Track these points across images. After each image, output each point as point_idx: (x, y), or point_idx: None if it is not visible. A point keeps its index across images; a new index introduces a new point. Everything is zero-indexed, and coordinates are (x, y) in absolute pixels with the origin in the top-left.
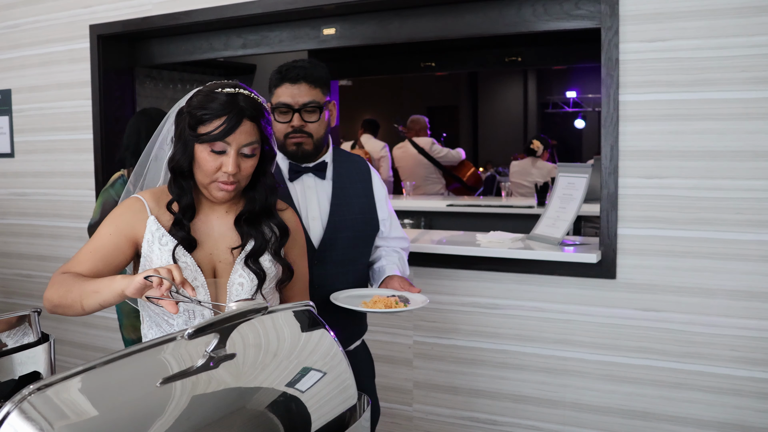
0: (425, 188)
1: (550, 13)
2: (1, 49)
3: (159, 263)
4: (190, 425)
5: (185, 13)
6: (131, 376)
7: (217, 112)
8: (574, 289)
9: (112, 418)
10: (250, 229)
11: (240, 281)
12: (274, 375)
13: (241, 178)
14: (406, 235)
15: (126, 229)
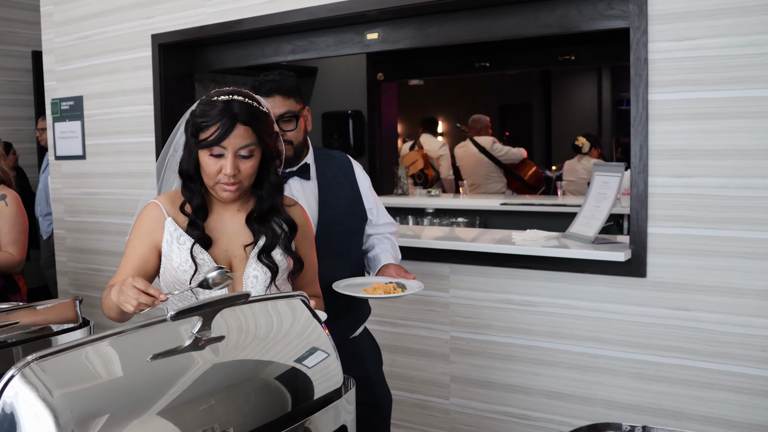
0: (486, 187)
1: (583, 14)
2: (74, 58)
3: (179, 261)
4: (177, 398)
5: (237, 22)
6: (124, 352)
7: (213, 118)
8: (604, 287)
9: (106, 387)
10: (261, 226)
11: (255, 274)
12: (260, 356)
13: (242, 178)
14: (392, 219)
15: (147, 238)
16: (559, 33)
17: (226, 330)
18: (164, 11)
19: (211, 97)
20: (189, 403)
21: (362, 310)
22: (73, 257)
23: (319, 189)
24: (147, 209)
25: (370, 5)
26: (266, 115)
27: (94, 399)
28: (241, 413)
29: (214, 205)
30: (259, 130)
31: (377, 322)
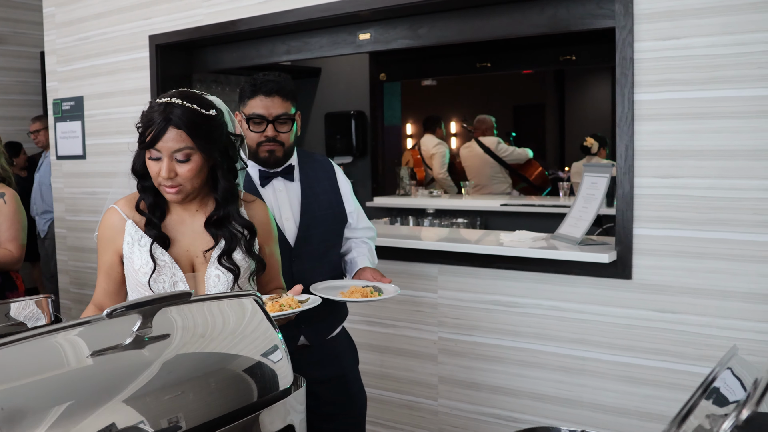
0: (491, 187)
1: (572, 14)
2: (75, 59)
3: (140, 263)
4: (115, 394)
5: (232, 23)
6: (63, 348)
7: (150, 121)
8: (590, 288)
9: (41, 384)
10: (219, 230)
11: (216, 273)
12: (205, 354)
13: (182, 181)
14: (371, 224)
15: (110, 246)
16: (548, 33)
17: (171, 328)
18: (162, 12)
19: (153, 101)
20: (128, 398)
21: (340, 311)
22: (73, 256)
23: (301, 190)
24: (106, 216)
25: (362, 5)
26: (210, 120)
27: (28, 396)
28: (183, 409)
29: (173, 205)
30: (196, 135)
31: (366, 322)
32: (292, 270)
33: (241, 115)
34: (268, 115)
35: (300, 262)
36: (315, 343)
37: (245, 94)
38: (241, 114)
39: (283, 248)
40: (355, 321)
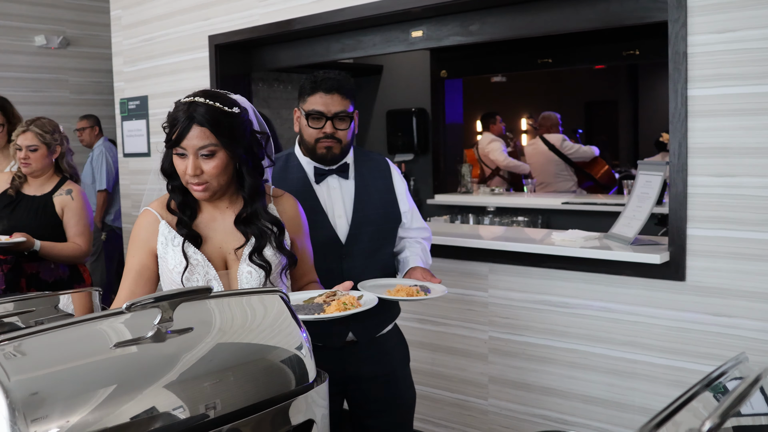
0: (556, 185)
1: (624, 7)
2: (140, 59)
3: (174, 263)
4: (135, 384)
5: (287, 22)
6: (86, 339)
7: (175, 119)
8: (642, 290)
9: (64, 372)
10: (248, 227)
11: (248, 270)
12: (229, 347)
13: (208, 178)
14: (427, 225)
15: (144, 246)
16: (600, 27)
17: (194, 322)
18: (220, 13)
19: (178, 101)
20: (147, 388)
21: (391, 310)
22: None
23: (355, 188)
24: (141, 218)
25: (413, 3)
26: (232, 117)
27: (51, 383)
28: (204, 400)
29: (203, 204)
30: (220, 133)
31: (418, 320)
32: (343, 267)
33: (300, 112)
34: (327, 112)
35: (351, 259)
36: (363, 340)
37: (305, 91)
38: (300, 110)
39: (334, 246)
40: (407, 319)
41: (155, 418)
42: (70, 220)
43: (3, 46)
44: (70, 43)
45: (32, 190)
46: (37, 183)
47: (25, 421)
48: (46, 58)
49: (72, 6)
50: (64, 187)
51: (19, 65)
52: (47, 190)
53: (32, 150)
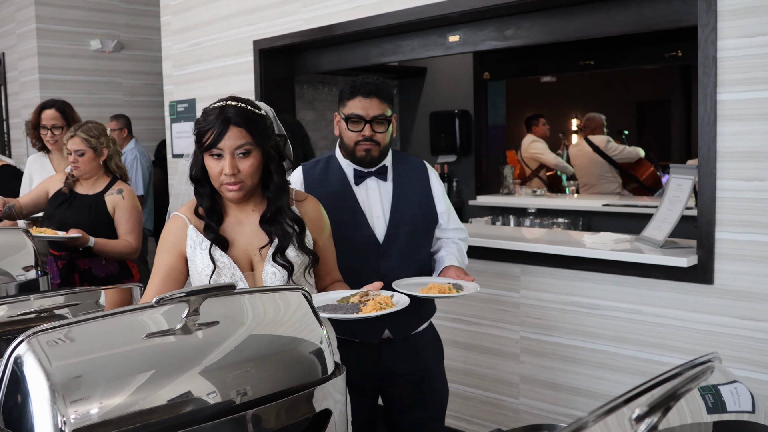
0: (600, 187)
1: (657, 11)
2: (188, 63)
3: (202, 265)
4: (163, 372)
5: (328, 27)
6: (119, 330)
7: (210, 123)
8: (670, 293)
9: (99, 359)
10: (272, 227)
11: (272, 271)
12: (252, 340)
13: (243, 177)
14: (463, 226)
15: (173, 249)
16: (632, 32)
17: (219, 316)
18: (264, 18)
19: (210, 106)
20: (174, 375)
21: (426, 308)
22: None
23: (393, 190)
24: (170, 222)
25: (450, 8)
26: (262, 118)
27: (88, 368)
28: (227, 389)
29: (230, 208)
30: (254, 132)
31: (452, 319)
32: (380, 266)
33: (339, 116)
34: (365, 116)
35: (387, 259)
36: (399, 337)
37: (345, 96)
38: (340, 114)
39: (372, 245)
40: (442, 318)
41: (181, 403)
42: (121, 218)
43: (61, 51)
44: (123, 47)
45: (84, 189)
46: (88, 183)
47: (64, 403)
48: (101, 62)
49: (126, 11)
50: (114, 186)
51: (76, 68)
52: (99, 190)
53: (80, 154)
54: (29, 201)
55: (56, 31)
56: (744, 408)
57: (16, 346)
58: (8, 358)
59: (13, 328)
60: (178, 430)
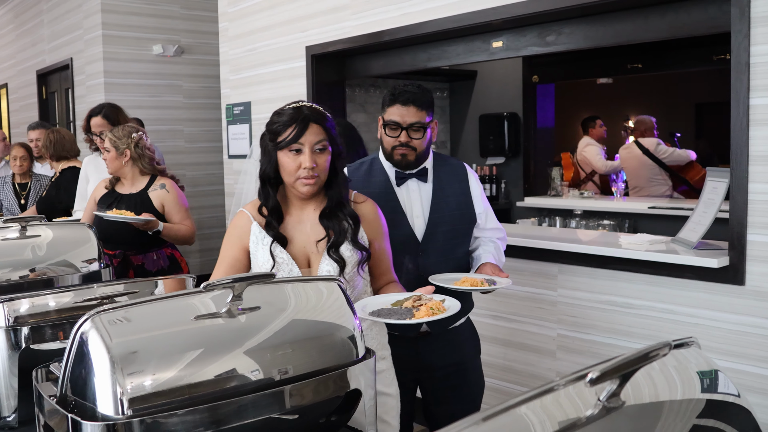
0: (649, 190)
1: (693, 17)
2: (244, 68)
3: (262, 260)
4: (209, 350)
5: (377, 33)
6: (171, 312)
7: (288, 121)
8: (703, 293)
9: (153, 336)
10: (330, 222)
11: (327, 269)
12: (290, 324)
13: (319, 172)
14: (501, 226)
15: (237, 243)
16: (669, 37)
17: (261, 302)
18: (316, 25)
19: (282, 109)
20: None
21: (464, 303)
22: None
23: (433, 191)
24: (237, 217)
25: (492, 15)
26: (332, 120)
27: (143, 344)
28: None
29: (292, 207)
30: (328, 129)
31: (491, 316)
32: (418, 263)
33: (381, 120)
34: (402, 122)
35: (426, 256)
36: (436, 331)
37: (385, 102)
38: (382, 119)
39: (412, 243)
40: (481, 315)
41: (223, 379)
42: (171, 210)
43: (125, 55)
44: (184, 52)
45: (126, 188)
46: (128, 182)
47: (123, 374)
48: (163, 66)
49: (186, 17)
50: (156, 182)
51: (139, 72)
52: (141, 188)
53: (107, 152)
54: (87, 218)
55: (121, 37)
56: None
57: (81, 324)
58: (75, 334)
59: (78, 312)
60: (220, 401)
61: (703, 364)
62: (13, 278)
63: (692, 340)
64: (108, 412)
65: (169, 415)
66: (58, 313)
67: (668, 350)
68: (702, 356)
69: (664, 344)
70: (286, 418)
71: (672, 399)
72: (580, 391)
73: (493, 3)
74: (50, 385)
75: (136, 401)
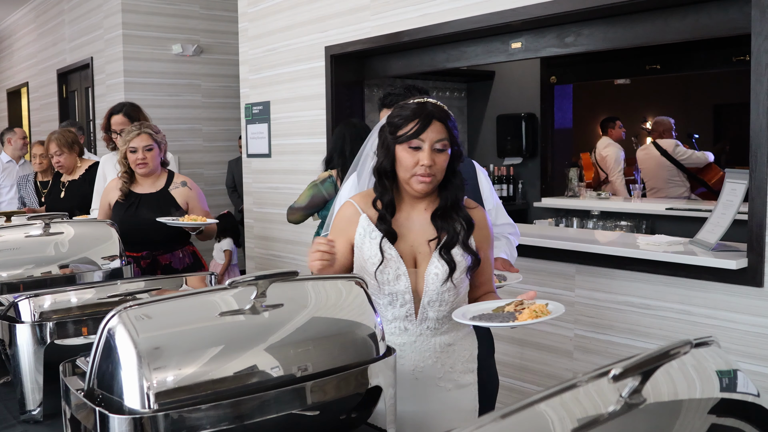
0: (667, 191)
1: (714, 19)
2: (264, 68)
3: (369, 254)
4: (233, 346)
5: (396, 34)
6: (196, 308)
7: (411, 116)
8: (720, 294)
9: (179, 332)
10: (443, 223)
11: (435, 271)
12: (312, 322)
13: (436, 171)
14: (512, 221)
15: (342, 234)
16: (689, 39)
17: (284, 299)
18: (336, 25)
19: (405, 103)
20: (245, 350)
21: None
22: (259, 244)
23: None
24: (343, 208)
25: (512, 16)
26: (454, 119)
27: (169, 340)
28: (289, 364)
29: (404, 203)
30: (450, 128)
31: None
32: None
33: None
34: None
35: None
36: None
37: (378, 107)
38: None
39: None
40: None
41: (248, 375)
42: (195, 206)
43: (145, 55)
44: (203, 51)
45: (145, 188)
46: (148, 182)
47: (149, 368)
48: (182, 65)
49: (206, 17)
50: (175, 180)
51: (158, 72)
52: (161, 186)
53: (148, 150)
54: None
55: (140, 37)
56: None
57: (109, 319)
58: (102, 329)
59: (102, 309)
60: (244, 396)
61: (723, 363)
62: (36, 275)
63: (712, 340)
64: (135, 406)
65: (194, 410)
66: (81, 309)
67: (689, 348)
68: (722, 356)
69: (684, 342)
70: (308, 414)
71: (691, 397)
72: (602, 388)
73: (513, 4)
74: (77, 380)
75: (162, 395)
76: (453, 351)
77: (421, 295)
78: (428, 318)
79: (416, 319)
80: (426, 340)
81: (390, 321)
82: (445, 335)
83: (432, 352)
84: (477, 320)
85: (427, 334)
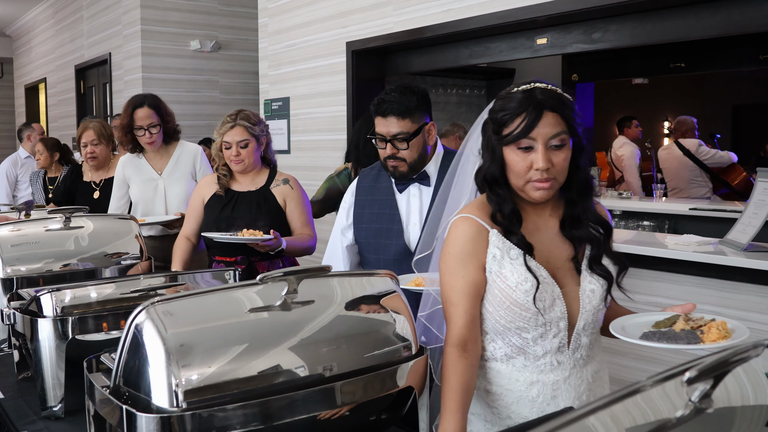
0: (689, 191)
1: (746, 15)
2: (283, 64)
3: (516, 280)
4: (263, 343)
5: (419, 30)
6: (226, 304)
7: (517, 109)
8: (753, 296)
9: (208, 328)
10: (578, 232)
11: (591, 288)
12: (344, 319)
13: (556, 173)
14: None
15: (472, 261)
16: (720, 35)
17: (315, 296)
18: (357, 21)
19: (509, 91)
20: (274, 348)
21: None
22: None
23: (433, 195)
24: (461, 227)
25: (538, 12)
26: (572, 103)
27: (198, 336)
28: (319, 363)
29: (526, 212)
30: (568, 118)
31: None
32: None
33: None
34: (386, 134)
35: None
36: None
37: (372, 113)
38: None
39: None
40: None
41: (278, 373)
42: (294, 210)
43: (163, 51)
44: (221, 47)
45: (245, 185)
46: (248, 178)
47: (177, 365)
48: (200, 61)
49: (224, 13)
50: (278, 177)
51: (177, 68)
52: (262, 183)
53: (243, 146)
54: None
55: (159, 33)
56: None
57: (137, 314)
58: (130, 325)
59: (124, 304)
60: (274, 396)
61: None
62: (56, 269)
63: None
64: (162, 404)
65: (223, 409)
66: (103, 304)
67: (762, 350)
68: None
69: (757, 344)
70: (338, 414)
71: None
72: (668, 392)
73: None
74: (101, 376)
75: (191, 394)
76: (600, 378)
77: (575, 319)
78: (581, 346)
79: (568, 349)
80: (578, 373)
81: (539, 357)
82: (592, 362)
83: (586, 386)
84: (664, 341)
85: (580, 365)
